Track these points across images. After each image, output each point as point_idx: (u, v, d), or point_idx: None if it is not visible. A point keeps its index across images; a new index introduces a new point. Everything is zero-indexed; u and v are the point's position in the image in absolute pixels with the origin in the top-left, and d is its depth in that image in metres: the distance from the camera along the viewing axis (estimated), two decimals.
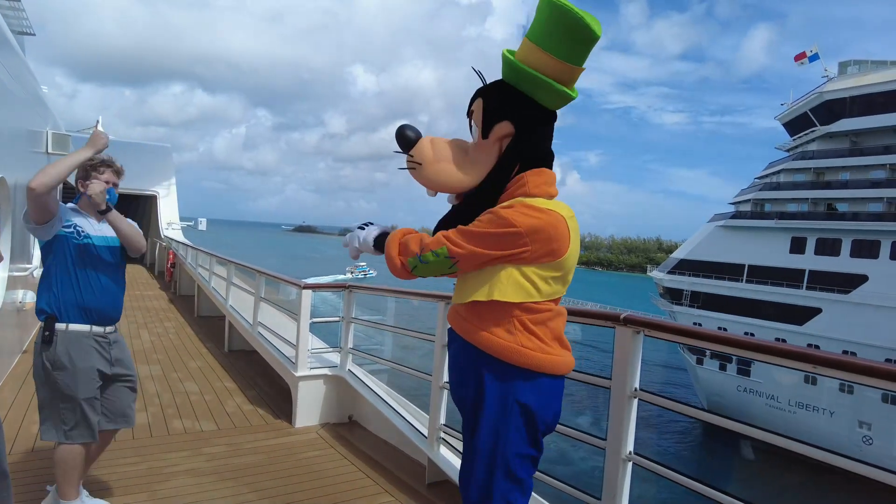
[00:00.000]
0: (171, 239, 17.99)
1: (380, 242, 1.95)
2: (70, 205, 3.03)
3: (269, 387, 6.15)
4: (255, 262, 8.19)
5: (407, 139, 1.93)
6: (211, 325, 9.88)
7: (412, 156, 1.93)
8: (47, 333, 2.80)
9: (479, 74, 1.91)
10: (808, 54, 33.69)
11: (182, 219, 23.67)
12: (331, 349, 5.47)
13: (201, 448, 4.34)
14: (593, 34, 1.66)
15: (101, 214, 3.00)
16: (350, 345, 5.15)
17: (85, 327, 2.88)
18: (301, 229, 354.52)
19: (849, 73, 31.47)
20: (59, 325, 2.82)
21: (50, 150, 8.48)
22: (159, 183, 22.73)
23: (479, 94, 1.88)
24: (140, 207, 24.96)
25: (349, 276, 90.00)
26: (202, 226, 25.58)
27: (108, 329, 3.01)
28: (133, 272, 18.55)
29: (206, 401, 5.60)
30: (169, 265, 16.06)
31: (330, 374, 5.13)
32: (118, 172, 3.09)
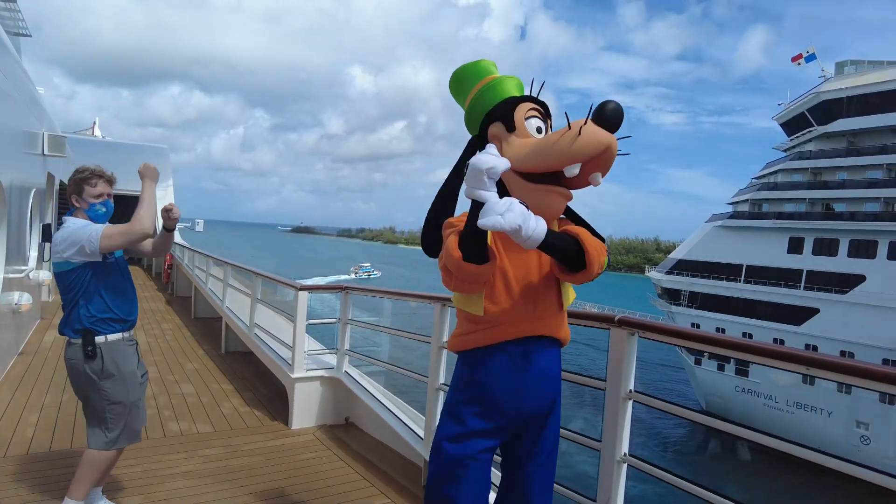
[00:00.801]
0: None
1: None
2: (75, 220, 2.94)
3: (265, 388, 6.14)
4: (253, 264, 8.19)
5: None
6: (208, 326, 9.87)
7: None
8: (90, 349, 2.85)
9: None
10: (805, 55, 33.75)
11: (180, 220, 23.65)
12: (327, 351, 5.46)
13: (197, 450, 4.33)
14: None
15: (168, 232, 3.23)
16: (347, 346, 5.15)
17: (118, 336, 2.95)
18: (299, 230, 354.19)
19: (845, 74, 31.54)
20: (99, 338, 2.88)
21: (46, 152, 8.47)
22: (157, 185, 22.71)
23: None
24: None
25: (353, 277, 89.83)
26: (199, 227, 25.55)
27: (131, 332, 3.10)
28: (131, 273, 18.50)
29: (203, 402, 5.59)
30: (166, 267, 16.02)
31: (326, 375, 5.12)
32: (110, 181, 3.07)
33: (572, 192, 1.92)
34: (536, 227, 1.63)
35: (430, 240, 2.10)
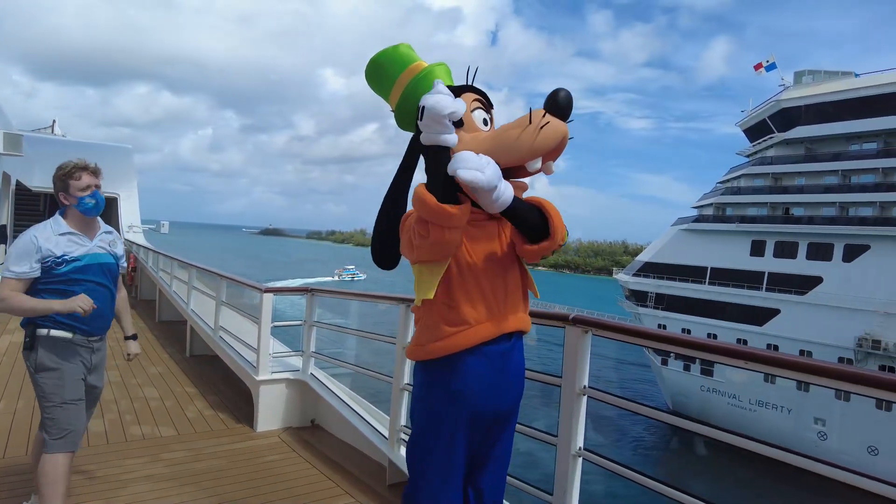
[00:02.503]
0: (132, 242, 17.57)
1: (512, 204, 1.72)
2: (53, 226, 2.84)
3: (230, 391, 6.08)
4: (220, 267, 8.08)
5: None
6: (172, 329, 9.70)
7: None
8: (28, 339, 2.78)
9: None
10: (766, 64, 34.77)
11: (144, 221, 23.12)
12: (293, 353, 5.45)
13: (160, 454, 4.28)
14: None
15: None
16: (312, 348, 5.15)
17: (66, 334, 2.82)
18: (268, 232, 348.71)
19: (803, 83, 32.63)
20: (41, 330, 2.77)
21: (1, 151, 8.22)
22: (120, 185, 22.13)
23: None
24: None
25: (336, 278, 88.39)
26: (164, 229, 25.02)
27: (94, 338, 2.96)
28: None
29: (166, 406, 5.51)
30: (129, 269, 15.67)
31: (292, 378, 5.11)
32: (95, 172, 2.94)
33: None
34: (506, 189, 1.64)
35: (387, 249, 1.97)
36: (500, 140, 1.75)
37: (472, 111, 1.86)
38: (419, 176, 1.94)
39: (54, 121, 27.17)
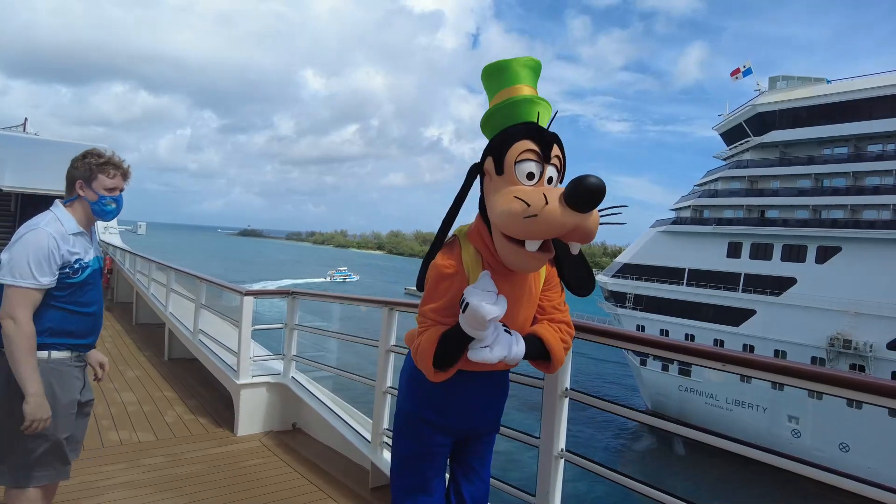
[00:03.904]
0: (108, 244, 17.26)
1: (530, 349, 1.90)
2: (64, 221, 2.45)
3: (210, 395, 6.02)
4: (199, 268, 7.99)
5: (603, 189, 1.58)
6: (150, 332, 9.56)
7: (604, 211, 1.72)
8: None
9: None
10: (743, 69, 35.43)
11: (120, 222, 22.69)
12: (274, 356, 5.41)
13: (138, 459, 4.22)
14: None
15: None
16: (294, 352, 5.12)
17: (66, 354, 2.46)
18: (246, 233, 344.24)
19: (778, 88, 33.34)
20: (41, 354, 2.35)
21: None
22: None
23: (557, 140, 1.83)
24: None
25: (329, 280, 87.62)
26: (141, 230, 24.59)
27: (87, 353, 2.63)
28: None
29: (145, 411, 5.43)
30: (105, 271, 15.39)
31: (273, 381, 5.08)
32: (126, 175, 2.61)
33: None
34: (517, 349, 1.79)
35: None
36: (508, 209, 1.68)
37: (517, 161, 1.77)
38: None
39: (26, 119, 26.56)
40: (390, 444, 3.69)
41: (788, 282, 29.25)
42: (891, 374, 24.77)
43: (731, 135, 35.73)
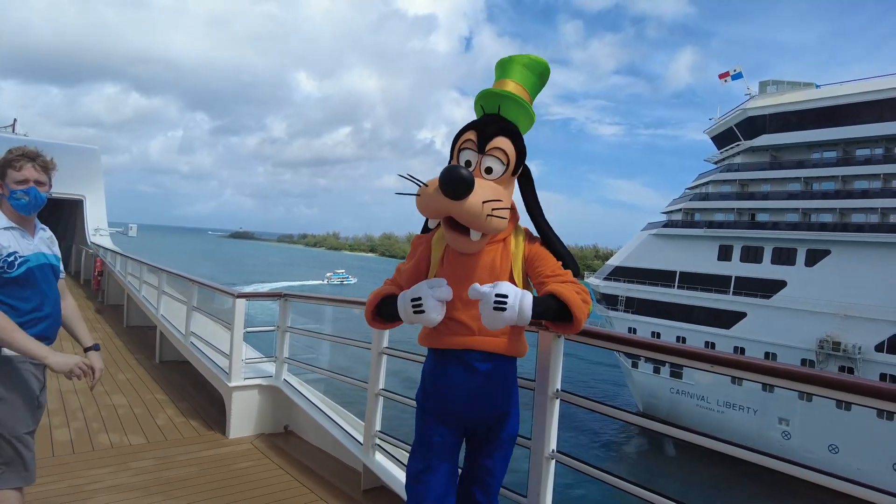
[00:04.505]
0: (99, 246, 17.15)
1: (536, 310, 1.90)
2: None
3: (202, 398, 5.99)
4: (190, 270, 7.96)
5: (466, 180, 1.81)
6: (141, 335, 9.50)
7: (497, 201, 1.88)
8: None
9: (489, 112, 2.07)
10: (733, 73, 35.70)
11: (111, 224, 22.57)
12: (266, 359, 5.40)
13: (128, 462, 4.19)
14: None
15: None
16: (286, 354, 5.11)
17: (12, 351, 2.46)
18: (237, 235, 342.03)
19: (768, 92, 33.60)
20: None
21: None
22: (86, 186, 21.56)
23: (504, 133, 2.01)
24: (64, 212, 23.62)
25: (325, 283, 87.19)
26: (132, 232, 24.44)
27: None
28: None
29: (136, 414, 5.40)
30: (96, 273, 15.28)
31: (265, 384, 5.06)
32: (46, 167, 2.58)
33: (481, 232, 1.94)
34: (521, 302, 1.84)
35: None
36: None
37: (459, 150, 2.03)
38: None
39: (15, 119, 26.39)
40: (382, 446, 3.70)
41: (778, 284, 29.48)
42: (879, 375, 25.00)
43: (722, 138, 36.00)
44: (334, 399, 4.86)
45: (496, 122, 2.02)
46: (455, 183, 1.78)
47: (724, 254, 32.19)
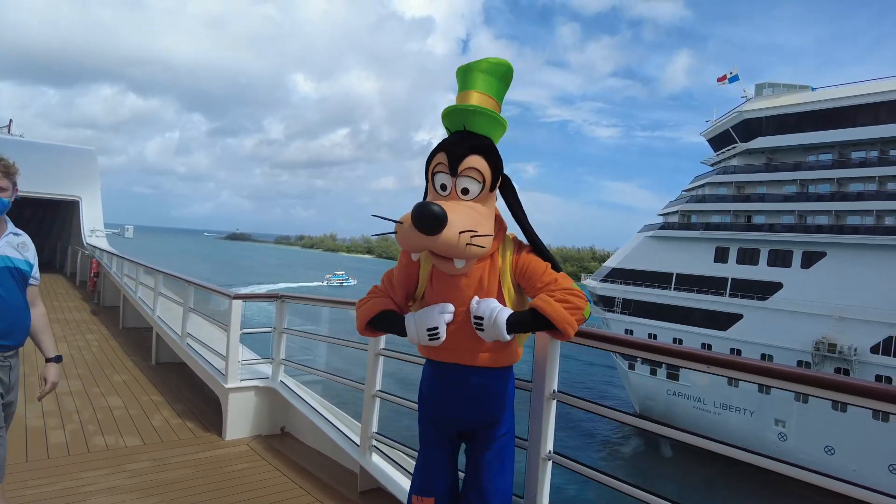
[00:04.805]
0: (95, 247, 17.09)
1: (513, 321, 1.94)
2: None
3: (198, 399, 5.98)
4: (187, 272, 7.94)
5: (437, 217, 1.77)
6: (137, 336, 9.47)
7: (472, 231, 1.86)
8: None
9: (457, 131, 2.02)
10: (729, 76, 35.80)
11: (108, 225, 22.49)
12: (262, 360, 5.39)
13: (124, 464, 4.18)
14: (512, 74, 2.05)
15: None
16: (282, 355, 5.10)
17: None
18: (234, 237, 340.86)
19: (764, 95, 33.71)
20: None
21: None
22: (82, 187, 21.49)
23: (476, 150, 1.95)
24: (60, 213, 23.55)
25: (325, 285, 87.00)
26: (129, 233, 24.51)
27: (8, 353, 2.62)
28: (51, 282, 17.48)
29: (131, 415, 5.38)
30: (92, 275, 15.24)
31: (261, 385, 5.05)
32: (7, 172, 2.56)
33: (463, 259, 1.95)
34: (494, 322, 1.89)
35: None
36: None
37: (433, 174, 1.99)
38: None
39: (11, 120, 26.28)
40: (379, 447, 3.70)
41: (775, 286, 29.54)
42: (875, 377, 25.08)
43: (719, 141, 36.08)
44: (331, 401, 4.85)
45: (465, 140, 1.96)
46: (427, 221, 1.76)
47: (721, 256, 32.25)
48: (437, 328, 1.98)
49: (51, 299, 13.78)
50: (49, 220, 25.96)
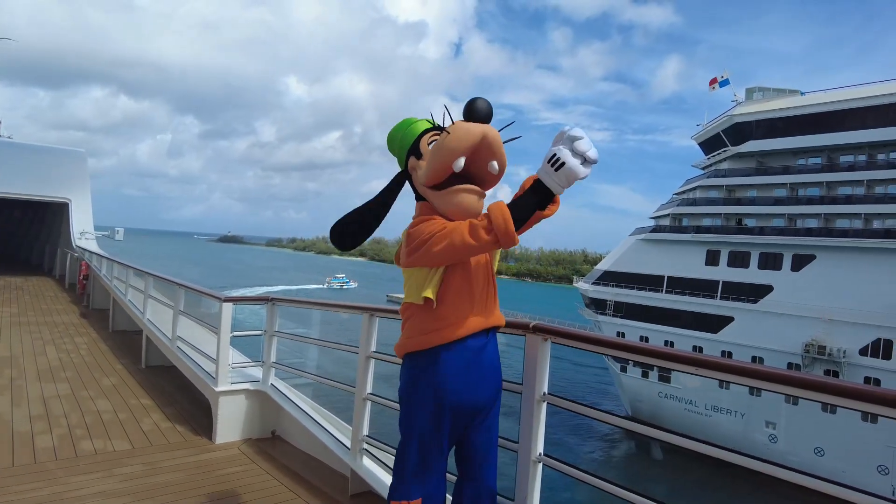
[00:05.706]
0: (85, 249, 16.95)
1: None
2: None
3: (188, 403, 5.93)
4: (177, 275, 7.89)
5: (490, 103, 2.04)
6: (127, 339, 9.40)
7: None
8: None
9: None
10: (720, 80, 36.09)
11: (98, 228, 22.31)
12: (253, 363, 5.36)
13: (113, 469, 4.14)
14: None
15: None
16: (273, 358, 5.07)
17: None
18: (226, 239, 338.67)
19: (754, 99, 34.04)
20: None
21: None
22: (71, 189, 21.28)
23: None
24: (49, 215, 23.33)
25: (325, 288, 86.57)
26: (119, 235, 24.34)
27: None
28: (40, 285, 17.31)
29: (121, 419, 5.34)
30: (81, 277, 15.10)
31: (252, 388, 5.02)
32: None
33: (487, 189, 2.15)
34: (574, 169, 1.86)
35: (353, 238, 2.27)
36: (429, 155, 2.09)
37: (428, 143, 2.16)
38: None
39: None
40: (370, 450, 3.69)
41: (765, 289, 29.78)
42: (863, 379, 25.30)
43: (710, 144, 36.34)
44: (322, 404, 4.83)
45: (441, 126, 2.19)
46: (483, 103, 2.00)
47: (712, 258, 32.48)
48: (555, 155, 1.86)
49: (39, 302, 13.65)
50: (38, 223, 25.71)
